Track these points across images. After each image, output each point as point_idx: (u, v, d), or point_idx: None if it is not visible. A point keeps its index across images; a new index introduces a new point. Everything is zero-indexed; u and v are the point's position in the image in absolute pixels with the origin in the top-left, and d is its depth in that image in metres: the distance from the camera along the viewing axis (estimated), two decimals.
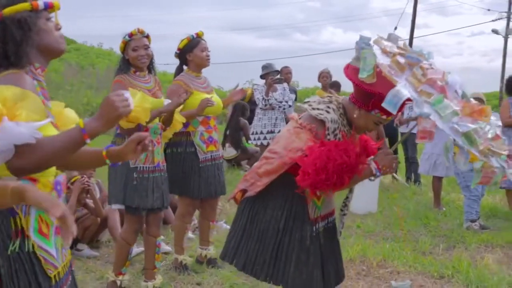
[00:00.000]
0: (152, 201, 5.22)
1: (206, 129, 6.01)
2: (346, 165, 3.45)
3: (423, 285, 5.94)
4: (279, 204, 3.72)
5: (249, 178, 3.76)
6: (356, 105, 3.66)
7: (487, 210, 9.59)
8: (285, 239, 3.69)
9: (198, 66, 6.04)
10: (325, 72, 12.18)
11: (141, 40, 5.22)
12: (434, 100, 3.43)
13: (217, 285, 5.77)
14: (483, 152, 3.45)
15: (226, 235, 7.28)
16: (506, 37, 41.27)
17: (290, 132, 3.67)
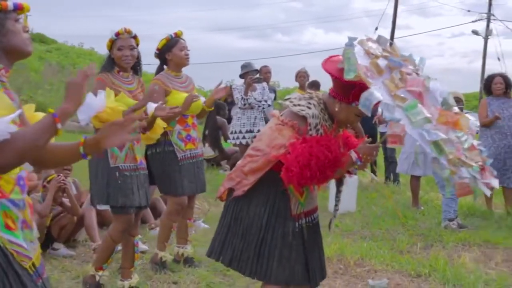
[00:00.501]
0: (138, 199, 5.21)
1: (184, 127, 5.99)
2: (328, 161, 3.50)
3: (400, 283, 5.94)
4: (262, 201, 3.76)
5: (234, 176, 3.80)
6: (337, 98, 3.73)
7: (465, 209, 9.64)
8: (267, 235, 3.73)
9: (178, 65, 6.04)
10: (302, 71, 12.19)
11: (127, 40, 5.21)
12: (407, 105, 3.45)
13: (194, 284, 5.74)
14: (452, 161, 3.46)
15: (204, 234, 7.37)
16: (486, 38, 41.49)
17: (272, 129, 3.71)
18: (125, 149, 5.10)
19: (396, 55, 3.81)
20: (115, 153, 5.07)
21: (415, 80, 3.66)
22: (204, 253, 6.48)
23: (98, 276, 5.35)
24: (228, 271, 6.01)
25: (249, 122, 10.73)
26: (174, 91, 5.89)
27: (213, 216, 8.38)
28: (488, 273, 6.38)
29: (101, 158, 5.05)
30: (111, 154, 5.06)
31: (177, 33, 6.04)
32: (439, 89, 3.78)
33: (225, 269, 6.06)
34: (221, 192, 3.90)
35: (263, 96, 10.81)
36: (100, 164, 5.09)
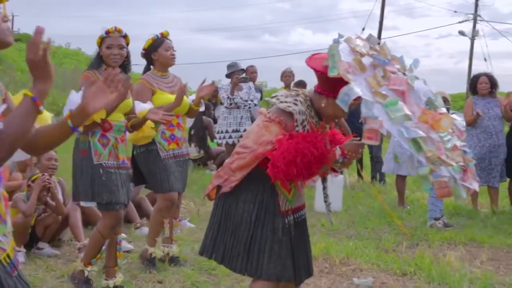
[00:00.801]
0: (124, 197, 5.21)
1: (168, 127, 5.99)
2: (314, 157, 3.52)
3: (385, 282, 5.95)
4: (250, 197, 3.77)
5: (222, 174, 3.81)
6: (323, 94, 3.75)
7: (451, 208, 9.66)
8: (257, 231, 3.75)
9: (163, 65, 6.06)
10: (288, 71, 12.21)
11: (116, 39, 5.19)
12: (387, 102, 3.46)
13: (179, 283, 5.72)
14: (431, 159, 3.47)
15: (190, 234, 7.37)
16: (472, 39, 41.69)
17: (259, 126, 3.73)
18: (108, 146, 5.09)
19: (384, 54, 3.82)
20: (99, 151, 5.06)
21: (398, 79, 3.68)
22: (190, 252, 6.61)
23: (87, 271, 5.33)
24: (214, 270, 6.02)
25: (236, 121, 10.74)
26: (159, 91, 5.92)
27: (199, 216, 8.38)
28: (473, 272, 6.39)
29: (85, 156, 5.04)
30: (95, 152, 5.05)
31: (163, 33, 6.06)
32: (424, 89, 3.80)
33: (210, 268, 6.07)
34: (209, 189, 3.91)
35: (249, 95, 10.82)
36: (84, 161, 5.08)
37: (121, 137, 5.21)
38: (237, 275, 5.71)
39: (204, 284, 5.70)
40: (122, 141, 5.23)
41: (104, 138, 5.09)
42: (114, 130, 5.12)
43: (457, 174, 3.58)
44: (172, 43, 6.07)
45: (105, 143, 5.09)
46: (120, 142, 5.19)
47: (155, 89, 5.89)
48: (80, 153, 5.11)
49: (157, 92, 5.89)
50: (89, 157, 5.05)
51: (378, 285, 5.87)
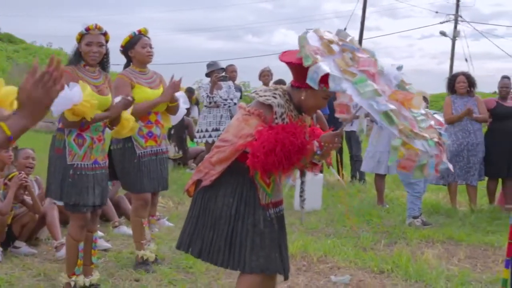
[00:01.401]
0: (93, 199, 5.14)
1: (146, 124, 6.01)
2: (293, 147, 3.53)
3: (363, 279, 5.95)
4: (229, 191, 3.78)
5: (202, 168, 3.83)
6: (302, 87, 3.75)
7: (430, 206, 9.72)
8: (238, 224, 3.75)
9: (140, 62, 6.07)
10: (266, 70, 12.21)
11: (96, 37, 5.15)
12: (356, 80, 3.47)
13: (156, 281, 5.71)
14: (404, 132, 3.47)
15: (168, 233, 7.35)
16: (453, 39, 41.88)
17: (239, 120, 3.74)
18: (84, 147, 5.06)
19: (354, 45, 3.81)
20: (74, 151, 5.02)
21: (367, 61, 3.68)
22: (168, 251, 6.59)
23: (73, 282, 5.28)
24: (191, 268, 6.02)
25: (215, 120, 10.73)
26: (138, 85, 5.92)
27: (178, 215, 8.38)
28: (450, 269, 6.42)
29: (60, 155, 5.02)
30: (69, 151, 5.02)
31: (141, 30, 6.07)
32: (394, 72, 3.79)
33: (187, 267, 6.07)
34: (189, 184, 3.92)
35: (229, 94, 10.83)
36: (58, 160, 5.05)
37: (98, 136, 5.17)
38: (214, 273, 5.78)
39: (181, 282, 5.69)
40: (99, 140, 5.20)
41: (80, 137, 5.05)
42: (91, 129, 5.08)
43: (433, 149, 3.58)
44: (150, 40, 6.08)
45: (81, 143, 5.04)
46: (97, 141, 5.15)
47: (134, 83, 5.89)
48: (55, 151, 5.08)
49: (136, 87, 5.89)
50: (63, 156, 5.02)
51: (355, 283, 5.87)
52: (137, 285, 5.63)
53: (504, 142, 9.49)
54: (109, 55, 5.35)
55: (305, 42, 3.54)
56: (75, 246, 5.22)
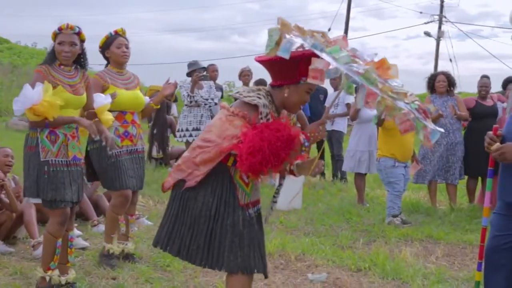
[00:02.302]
0: (71, 194, 5.14)
1: (122, 124, 6.04)
2: (281, 142, 3.53)
3: (340, 277, 5.97)
4: (209, 191, 3.78)
5: (185, 168, 3.79)
6: (284, 84, 3.76)
7: (410, 205, 9.75)
8: (217, 224, 3.76)
9: (116, 62, 6.12)
10: (246, 70, 12.24)
11: (68, 36, 5.13)
12: (330, 50, 3.49)
13: (133, 279, 5.71)
14: (384, 90, 3.48)
15: (147, 231, 7.35)
16: (438, 39, 42.02)
17: (222, 120, 3.73)
18: (57, 143, 5.05)
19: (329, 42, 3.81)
20: (47, 147, 5.01)
21: (339, 40, 3.70)
22: (146, 249, 6.59)
23: (48, 276, 5.25)
24: (168, 266, 6.02)
25: (196, 120, 10.74)
26: (112, 86, 5.94)
27: (157, 213, 8.37)
28: (428, 267, 6.46)
29: (33, 152, 5.01)
30: (42, 148, 5.01)
31: (117, 31, 6.11)
32: (367, 51, 3.80)
33: (165, 265, 6.08)
34: (170, 183, 3.90)
35: (210, 94, 10.84)
36: (31, 157, 5.05)
37: (71, 133, 5.16)
38: (192, 271, 5.78)
39: (157, 280, 5.69)
40: (73, 137, 5.18)
41: (52, 134, 5.04)
42: (64, 126, 5.08)
43: (416, 112, 3.59)
44: (126, 40, 6.12)
45: (54, 140, 5.04)
46: (71, 138, 5.15)
47: (108, 84, 5.92)
48: (28, 149, 5.08)
49: (110, 88, 5.91)
50: (37, 153, 5.01)
51: (332, 281, 5.89)
52: (114, 283, 5.61)
53: (483, 141, 9.49)
54: (85, 54, 5.34)
55: (274, 32, 3.55)
56: (53, 243, 5.21)
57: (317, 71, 3.53)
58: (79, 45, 5.21)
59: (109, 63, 6.16)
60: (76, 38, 5.17)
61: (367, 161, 9.86)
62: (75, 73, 5.22)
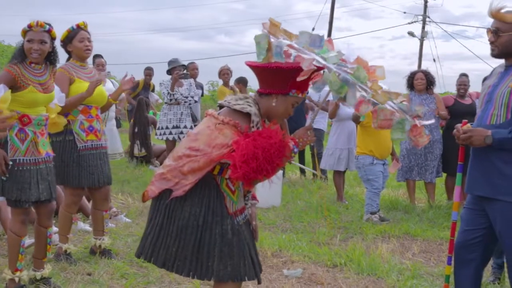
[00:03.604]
0: (37, 194, 5.09)
1: (87, 118, 6.04)
2: (274, 149, 3.49)
3: (315, 273, 6.00)
4: (196, 201, 3.69)
5: (171, 177, 3.69)
6: (273, 93, 3.71)
7: (388, 203, 9.82)
8: (205, 234, 3.67)
9: (78, 57, 6.10)
10: (225, 68, 12.26)
11: (38, 34, 5.08)
12: (318, 51, 3.51)
13: (108, 275, 5.73)
14: (374, 88, 3.52)
15: (125, 228, 7.35)
16: (421, 39, 42.17)
17: (211, 128, 3.65)
18: (26, 142, 5.01)
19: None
20: (15, 145, 4.98)
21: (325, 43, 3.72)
22: (123, 246, 6.59)
23: (17, 277, 5.22)
24: (144, 262, 5.98)
25: (176, 118, 10.76)
26: (78, 80, 5.96)
27: (136, 211, 8.39)
28: (404, 263, 6.51)
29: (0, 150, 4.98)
30: (11, 146, 4.97)
31: (79, 24, 6.05)
32: (351, 53, 3.82)
33: (140, 261, 6.03)
34: (154, 192, 3.75)
35: (190, 92, 10.87)
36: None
37: (40, 131, 5.13)
38: None
39: (133, 276, 5.71)
40: (42, 135, 5.16)
41: (22, 132, 5.01)
42: (33, 124, 5.05)
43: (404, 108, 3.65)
44: (88, 34, 6.09)
45: (23, 138, 5.01)
46: (40, 136, 5.12)
47: (74, 77, 5.92)
48: None
49: (76, 81, 5.92)
50: (5, 151, 4.97)
51: (308, 276, 5.92)
52: (89, 279, 5.63)
53: None
54: (56, 52, 5.32)
55: (260, 39, 3.56)
56: (18, 242, 5.16)
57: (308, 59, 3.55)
58: (50, 43, 5.18)
59: (70, 57, 6.12)
60: (46, 36, 5.12)
61: (346, 158, 9.90)
62: (44, 70, 5.20)
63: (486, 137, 4.16)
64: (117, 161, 11.56)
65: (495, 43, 4.30)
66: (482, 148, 4.23)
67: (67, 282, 5.52)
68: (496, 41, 4.28)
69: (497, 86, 4.33)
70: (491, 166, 4.25)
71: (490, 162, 4.26)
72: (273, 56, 3.53)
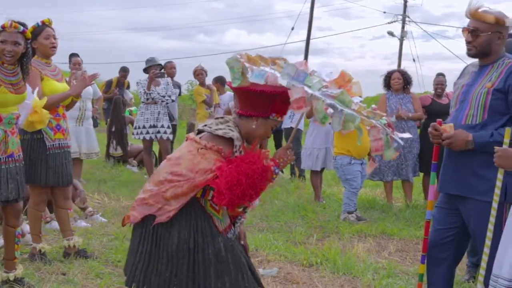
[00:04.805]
0: (6, 193, 5.04)
1: (54, 116, 6.01)
2: (257, 175, 3.47)
3: (291, 272, 6.01)
4: (184, 225, 3.63)
5: (153, 202, 3.63)
6: (253, 116, 3.70)
7: (366, 202, 9.87)
8: (198, 256, 3.62)
9: (44, 54, 6.07)
10: (199, 68, 12.25)
11: (12, 35, 5.02)
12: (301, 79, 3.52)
13: (83, 274, 5.70)
14: (359, 111, 3.56)
15: (101, 228, 7.32)
16: (401, 39, 42.37)
17: (193, 153, 3.63)
18: None
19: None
20: None
21: (298, 63, 3.72)
22: (98, 245, 6.56)
23: None
24: (119, 262, 6.00)
25: (153, 117, 10.72)
26: (46, 77, 5.95)
27: (112, 210, 8.36)
28: (379, 262, 6.53)
29: None
30: None
31: (44, 21, 6.01)
32: (325, 71, 3.83)
33: (116, 260, 6.07)
34: (137, 218, 3.68)
35: (167, 91, 10.83)
36: None
37: (11, 129, 5.07)
38: None
39: (108, 275, 5.68)
40: (13, 133, 5.10)
41: None
42: (4, 122, 4.99)
43: (385, 127, 3.69)
44: (53, 31, 6.06)
45: None
46: (10, 134, 5.06)
47: (42, 75, 5.90)
48: None
49: (44, 79, 5.90)
50: None
51: (283, 275, 5.92)
52: (64, 278, 5.60)
53: None
54: (29, 54, 5.27)
55: (233, 63, 3.55)
56: None
57: (299, 100, 3.57)
58: (23, 44, 5.13)
59: (34, 54, 5.99)
60: (20, 37, 5.06)
61: (323, 158, 9.91)
62: (17, 70, 5.14)
63: (468, 142, 4.18)
64: (93, 160, 11.53)
65: (473, 43, 4.32)
66: None
67: (42, 282, 5.48)
68: (474, 41, 4.30)
69: (472, 86, 4.35)
70: (466, 166, 4.28)
71: (465, 161, 4.28)
72: (253, 76, 3.50)
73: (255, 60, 3.62)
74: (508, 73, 4.22)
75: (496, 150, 3.81)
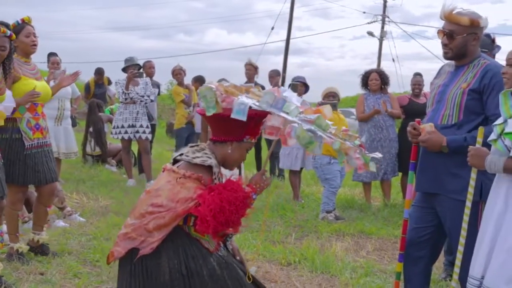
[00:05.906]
0: None
1: (33, 116, 6.00)
2: (238, 202, 3.48)
3: (269, 271, 6.04)
4: (171, 254, 3.61)
5: (136, 235, 3.59)
6: (228, 141, 3.71)
7: (345, 202, 9.91)
8: (194, 280, 3.60)
9: (24, 52, 6.05)
10: (178, 68, 12.22)
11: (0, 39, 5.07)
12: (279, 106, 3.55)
13: (61, 274, 5.69)
14: (336, 135, 3.59)
15: (79, 227, 7.31)
16: (380, 39, 42.57)
17: (172, 183, 3.60)
18: None
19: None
20: None
21: (272, 89, 3.73)
22: (76, 245, 6.55)
23: None
24: (98, 261, 6.01)
25: (132, 117, 10.69)
26: (23, 77, 5.91)
27: (90, 210, 8.35)
28: (357, 261, 6.57)
29: None
30: None
31: (24, 19, 5.98)
32: (294, 95, 3.84)
33: (94, 260, 6.07)
34: (121, 253, 3.63)
35: (146, 91, 10.81)
36: None
37: None
38: None
39: (86, 275, 5.68)
40: None
41: None
42: None
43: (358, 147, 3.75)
44: (33, 29, 6.05)
45: None
46: None
47: (19, 75, 5.86)
48: None
49: (22, 78, 5.87)
50: None
51: (262, 274, 5.93)
52: (42, 278, 5.59)
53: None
54: (11, 57, 5.29)
55: (206, 92, 3.55)
56: None
57: (273, 128, 3.61)
58: (8, 47, 5.13)
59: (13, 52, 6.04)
60: (6, 42, 5.08)
61: (302, 157, 9.93)
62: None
63: (442, 147, 4.24)
64: (72, 160, 11.48)
65: (449, 45, 4.34)
66: None
67: (19, 281, 5.47)
68: (451, 43, 4.32)
69: (448, 86, 4.39)
70: (442, 165, 4.32)
71: (440, 161, 4.32)
72: (235, 113, 3.49)
73: (232, 92, 3.62)
74: (483, 73, 4.26)
75: (469, 149, 3.86)
